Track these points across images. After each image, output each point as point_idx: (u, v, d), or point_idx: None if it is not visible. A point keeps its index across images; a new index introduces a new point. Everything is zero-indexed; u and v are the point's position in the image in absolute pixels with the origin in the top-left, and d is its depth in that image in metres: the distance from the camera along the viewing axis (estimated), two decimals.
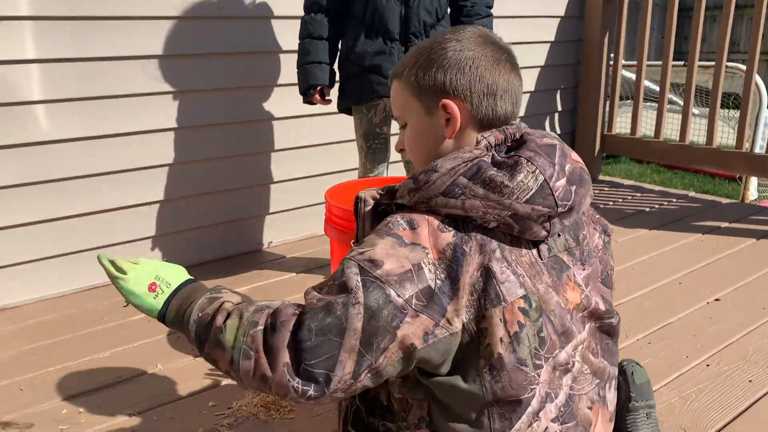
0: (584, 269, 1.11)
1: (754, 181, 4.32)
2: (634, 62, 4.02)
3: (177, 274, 1.10)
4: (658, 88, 3.82)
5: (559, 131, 3.94)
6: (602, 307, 1.12)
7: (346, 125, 2.93)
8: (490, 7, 2.35)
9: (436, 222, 0.99)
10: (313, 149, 2.94)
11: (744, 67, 3.40)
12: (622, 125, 5.02)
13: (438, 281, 0.95)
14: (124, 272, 1.08)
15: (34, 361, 1.94)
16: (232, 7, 2.56)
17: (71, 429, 1.61)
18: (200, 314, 1.02)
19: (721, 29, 3.26)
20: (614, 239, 2.89)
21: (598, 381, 1.13)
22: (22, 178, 2.24)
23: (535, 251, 1.04)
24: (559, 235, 1.08)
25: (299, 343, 0.93)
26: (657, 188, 3.81)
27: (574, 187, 1.06)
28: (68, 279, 2.42)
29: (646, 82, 5.12)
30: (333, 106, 2.39)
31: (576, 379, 1.07)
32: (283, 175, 2.88)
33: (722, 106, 5.24)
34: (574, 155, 1.13)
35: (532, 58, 3.61)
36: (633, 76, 4.65)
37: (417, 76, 1.11)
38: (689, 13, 3.42)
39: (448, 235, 0.98)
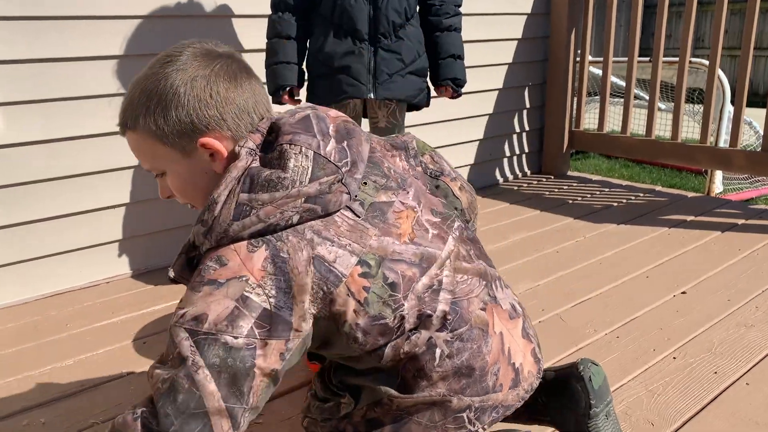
0: (408, 192, 1.14)
1: (719, 175, 4.41)
2: (601, 59, 4.06)
3: None
4: (624, 84, 3.86)
5: (527, 128, 3.96)
6: (434, 218, 1.14)
7: None
8: (459, 6, 2.35)
9: (243, 246, 0.97)
10: None
11: (707, 63, 3.45)
12: (590, 121, 5.08)
13: (272, 299, 0.95)
14: None
15: None
16: (193, 6, 2.53)
17: None
18: None
19: (684, 26, 3.30)
20: (582, 234, 2.92)
21: (485, 282, 1.15)
22: None
23: (349, 214, 1.04)
24: (365, 183, 1.09)
25: (161, 412, 0.91)
26: (625, 183, 3.85)
27: (345, 142, 1.07)
28: (30, 286, 2.37)
29: (613, 78, 5.18)
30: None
31: (455, 290, 1.10)
32: None
33: (688, 101, 5.33)
34: (333, 112, 1.12)
35: (500, 55, 3.62)
36: (600, 72, 4.70)
37: (158, 125, 1.03)
38: (655, 9, 3.46)
39: (261, 252, 0.97)
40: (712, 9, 10.13)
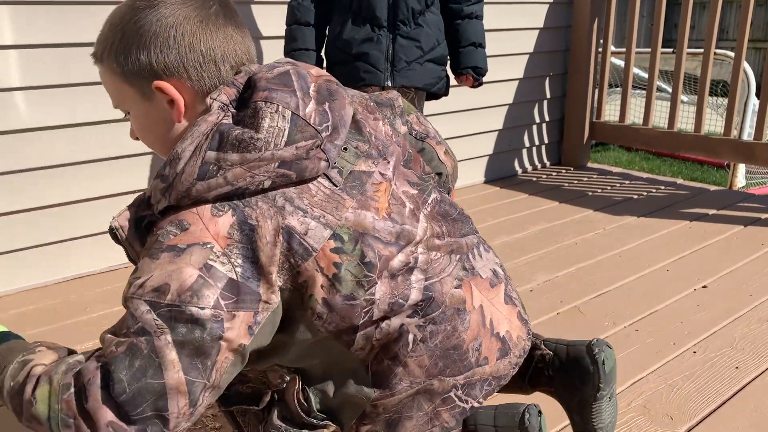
0: (389, 162, 1.05)
1: (742, 168, 4.34)
2: (623, 49, 4.01)
3: None
4: (647, 76, 3.81)
5: (547, 118, 3.93)
6: (412, 190, 1.06)
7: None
8: None
9: (207, 210, 0.89)
10: None
11: (732, 55, 3.39)
12: (611, 113, 5.02)
13: (238, 269, 0.87)
14: None
15: None
16: None
17: None
18: (12, 383, 0.89)
19: (710, 17, 3.25)
20: (602, 226, 2.89)
21: (458, 257, 1.08)
22: (2, 167, 2.20)
23: (326, 182, 0.96)
24: (346, 149, 1.01)
25: (116, 398, 0.82)
26: (645, 175, 3.80)
27: (327, 104, 0.98)
28: (51, 269, 2.39)
29: (635, 70, 5.11)
30: None
31: (428, 270, 1.02)
32: None
33: (711, 94, 5.25)
34: (315, 70, 1.04)
35: (521, 44, 3.58)
36: (622, 63, 4.64)
37: (118, 61, 0.97)
38: (679, 0, 3.41)
39: (227, 217, 0.89)
40: (737, 0, 9.96)
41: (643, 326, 2.00)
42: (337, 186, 0.97)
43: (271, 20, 2.68)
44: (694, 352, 1.85)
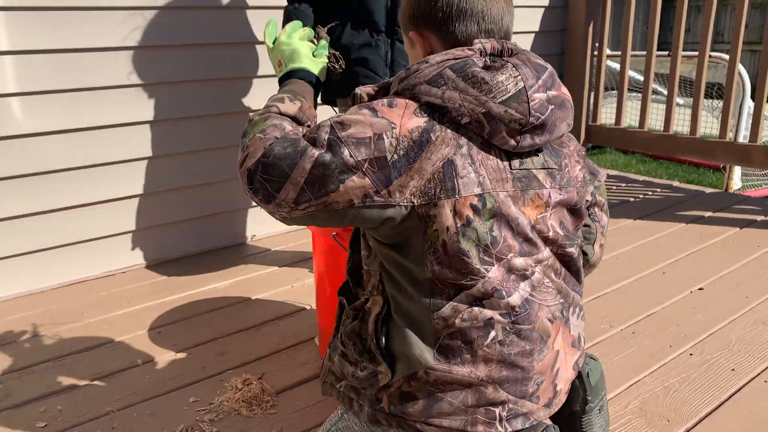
0: (561, 194, 1.14)
1: (738, 171, 4.35)
2: (619, 53, 4.02)
3: (295, 60, 1.36)
4: (642, 78, 3.82)
5: None
6: (559, 230, 1.15)
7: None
8: None
9: (414, 106, 1.06)
10: None
11: (727, 57, 3.40)
12: (607, 115, 5.03)
13: (396, 156, 1.02)
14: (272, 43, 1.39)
15: (11, 357, 1.90)
16: None
17: (49, 426, 1.59)
18: (269, 103, 1.19)
19: (704, 20, 3.26)
20: None
21: (562, 301, 1.15)
22: None
23: (505, 161, 1.08)
24: (537, 155, 1.12)
25: (263, 157, 1.04)
26: (642, 178, 3.81)
27: (553, 107, 1.09)
28: (48, 274, 2.39)
29: (631, 73, 5.12)
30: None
31: (536, 289, 1.10)
32: None
33: (706, 96, 5.27)
34: (564, 89, 1.15)
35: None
36: (618, 66, 4.66)
37: (402, 12, 1.20)
38: (674, 3, 3.42)
39: (421, 120, 1.04)
40: (732, 3, 10.00)
41: (640, 329, 2.00)
42: (511, 169, 1.08)
43: None
44: (691, 354, 1.85)
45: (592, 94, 3.87)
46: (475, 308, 1.06)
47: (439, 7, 1.14)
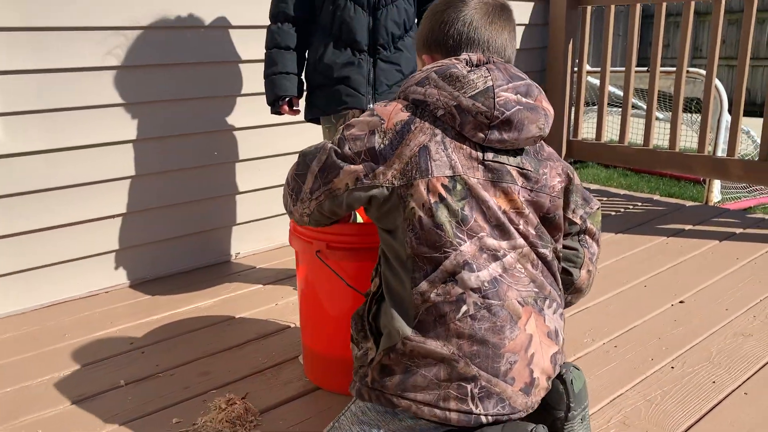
0: (530, 195, 1.25)
1: (717, 184, 4.40)
2: (599, 69, 4.07)
3: None
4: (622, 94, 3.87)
5: None
6: (532, 230, 1.25)
7: (312, 134, 2.92)
8: None
9: (402, 104, 1.25)
10: (279, 159, 2.92)
11: (704, 72, 3.46)
12: (588, 130, 5.09)
13: (382, 145, 1.20)
14: None
15: None
16: (193, 18, 2.54)
17: None
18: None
19: (681, 36, 3.32)
20: None
21: (536, 290, 1.23)
22: None
23: (478, 152, 1.21)
24: (515, 155, 1.24)
25: (300, 156, 1.33)
26: (623, 192, 3.86)
27: (521, 107, 1.22)
28: (30, 295, 2.37)
29: (611, 88, 5.19)
30: (299, 116, 2.38)
31: (507, 271, 1.20)
32: (249, 186, 2.86)
33: (686, 110, 5.34)
34: (545, 102, 1.28)
35: None
36: (598, 82, 4.72)
37: (418, 37, 1.39)
38: (653, 19, 3.48)
39: (405, 114, 1.23)
40: (710, 19, 10.17)
41: (621, 342, 2.02)
42: (484, 160, 1.21)
43: (250, 44, 2.70)
44: (672, 368, 1.87)
45: (573, 109, 3.92)
46: (449, 284, 1.17)
47: (451, 35, 1.30)
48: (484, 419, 1.14)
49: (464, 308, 1.16)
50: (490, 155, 1.22)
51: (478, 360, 1.15)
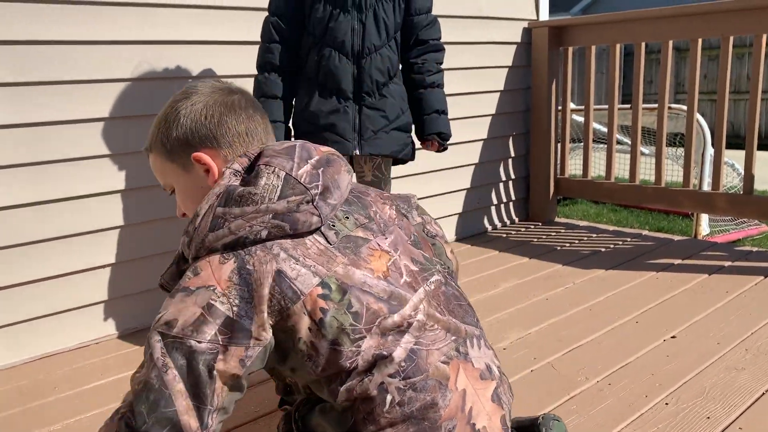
0: (386, 238, 1.19)
1: (705, 217, 4.45)
2: (583, 107, 4.15)
3: None
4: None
5: (513, 176, 4.02)
6: (413, 267, 1.19)
7: None
8: (441, 63, 2.41)
9: (216, 258, 1.07)
10: None
11: (686, 108, 3.53)
12: (575, 167, 5.15)
13: (234, 308, 1.02)
14: None
15: None
16: (180, 70, 2.58)
17: None
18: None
19: (661, 74, 3.40)
20: (571, 280, 2.93)
21: (454, 338, 1.16)
22: None
23: (322, 239, 1.11)
24: (347, 218, 1.17)
25: (138, 429, 0.98)
26: (612, 228, 3.88)
27: (321, 169, 1.15)
28: (19, 349, 2.35)
29: (596, 125, 5.28)
30: None
31: (421, 336, 1.12)
32: None
33: (671, 145, 5.42)
34: (324, 148, 1.22)
35: (484, 107, 3.69)
36: (582, 120, 4.80)
37: (163, 142, 1.21)
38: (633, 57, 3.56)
39: (230, 264, 1.05)
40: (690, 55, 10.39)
41: (615, 380, 2.02)
42: (331, 244, 1.11)
43: None
44: (666, 404, 1.86)
45: (559, 147, 3.98)
46: (365, 380, 1.08)
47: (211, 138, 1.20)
48: None
49: (389, 398, 1.08)
50: (332, 235, 1.13)
51: None
